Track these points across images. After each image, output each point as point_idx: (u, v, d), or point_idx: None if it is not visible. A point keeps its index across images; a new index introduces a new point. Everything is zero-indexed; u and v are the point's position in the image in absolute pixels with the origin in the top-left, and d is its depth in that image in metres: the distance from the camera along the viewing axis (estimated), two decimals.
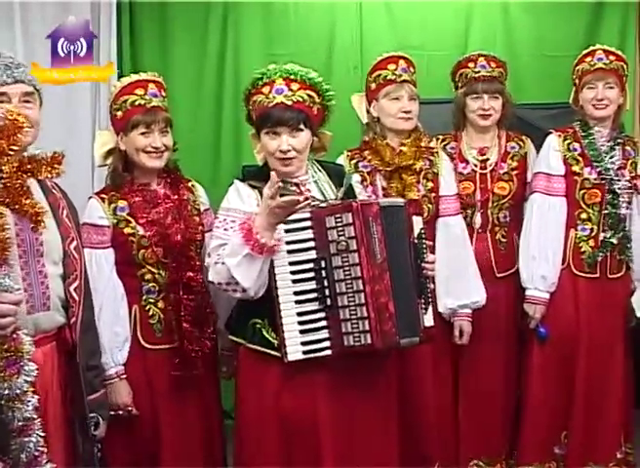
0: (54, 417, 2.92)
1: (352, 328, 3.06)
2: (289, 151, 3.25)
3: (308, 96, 3.31)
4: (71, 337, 2.97)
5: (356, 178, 3.65)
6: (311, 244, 3.12)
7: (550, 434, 4.30)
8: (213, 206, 3.69)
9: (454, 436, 4.29)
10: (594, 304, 4.21)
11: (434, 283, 3.41)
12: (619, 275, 4.24)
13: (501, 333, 4.32)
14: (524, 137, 4.45)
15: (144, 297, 3.56)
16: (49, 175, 2.81)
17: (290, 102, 3.27)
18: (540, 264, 4.20)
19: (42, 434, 2.70)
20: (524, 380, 4.34)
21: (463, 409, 4.31)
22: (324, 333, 3.11)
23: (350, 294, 3.07)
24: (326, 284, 3.09)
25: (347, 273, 3.07)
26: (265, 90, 3.30)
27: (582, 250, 4.22)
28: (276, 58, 4.92)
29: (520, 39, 5.39)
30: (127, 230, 3.53)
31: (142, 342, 3.55)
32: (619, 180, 4.17)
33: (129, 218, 3.53)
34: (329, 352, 3.12)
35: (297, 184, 3.33)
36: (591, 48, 4.31)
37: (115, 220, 3.53)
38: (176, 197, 3.62)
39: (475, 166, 4.33)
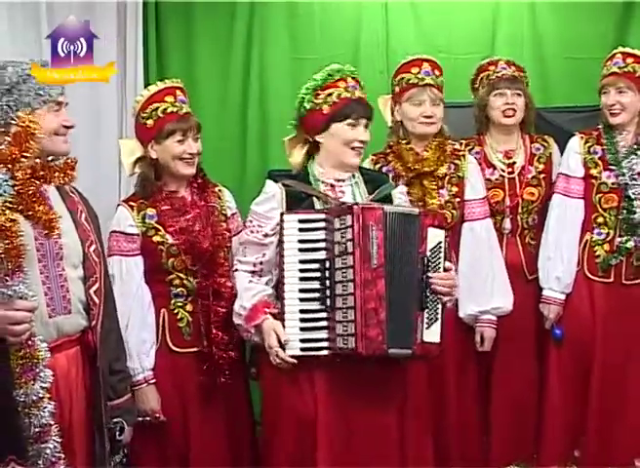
0: (79, 422, 2.88)
1: (343, 330, 3.03)
2: (365, 143, 3.33)
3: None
4: (93, 341, 2.91)
5: (401, 189, 3.56)
6: (322, 244, 3.12)
7: (569, 437, 4.18)
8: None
9: (479, 440, 4.17)
10: (610, 309, 4.08)
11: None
12: (637, 281, 4.07)
13: (533, 335, 4.23)
14: (547, 137, 4.32)
15: (173, 301, 3.51)
16: (62, 182, 2.75)
17: (364, 98, 3.40)
18: (556, 265, 4.10)
19: (59, 440, 2.65)
20: (543, 382, 4.23)
21: (496, 412, 4.20)
22: (323, 333, 3.09)
23: (344, 297, 3.04)
24: (328, 284, 3.09)
25: (344, 275, 3.05)
26: (342, 84, 3.33)
27: (597, 253, 4.10)
28: (302, 63, 4.92)
29: (547, 41, 5.17)
30: (156, 238, 3.48)
31: (171, 346, 3.50)
32: (634, 185, 4.02)
33: (158, 226, 3.48)
34: (326, 352, 3.09)
35: (332, 185, 3.33)
36: (613, 51, 4.17)
37: (144, 228, 3.48)
38: (203, 203, 3.57)
39: (502, 171, 4.21)
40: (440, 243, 3.21)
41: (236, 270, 3.38)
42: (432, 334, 3.15)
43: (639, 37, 5.08)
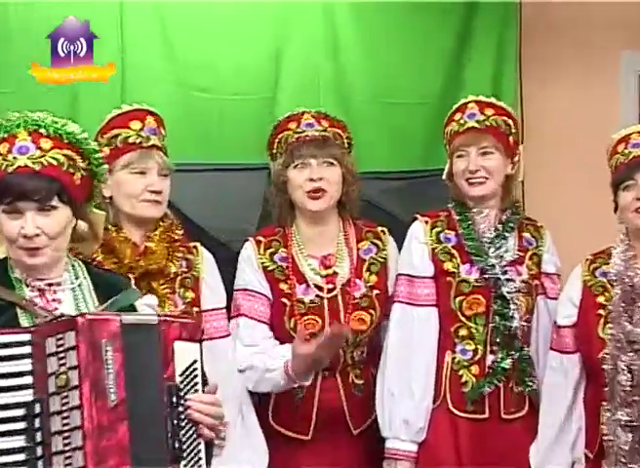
0: None
1: None
2: (36, 236, 2.33)
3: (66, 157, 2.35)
4: None
5: (150, 300, 2.55)
6: (29, 380, 2.20)
7: None
8: None
9: None
10: (483, 457, 3.05)
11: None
12: (518, 415, 3.10)
13: None
14: (380, 229, 3.25)
15: None
16: None
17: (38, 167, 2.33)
18: (402, 403, 3.05)
19: None
20: None
21: None
22: None
23: (67, 455, 2.12)
24: (39, 439, 2.16)
25: (66, 421, 2.14)
26: (2, 148, 2.29)
27: (463, 380, 3.08)
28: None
29: (352, 79, 3.87)
30: None
31: None
32: (508, 280, 3.06)
33: None
34: None
35: (41, 290, 2.38)
36: (463, 100, 3.20)
37: None
38: None
39: (319, 289, 3.11)
40: (195, 361, 2.36)
41: None
42: None
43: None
